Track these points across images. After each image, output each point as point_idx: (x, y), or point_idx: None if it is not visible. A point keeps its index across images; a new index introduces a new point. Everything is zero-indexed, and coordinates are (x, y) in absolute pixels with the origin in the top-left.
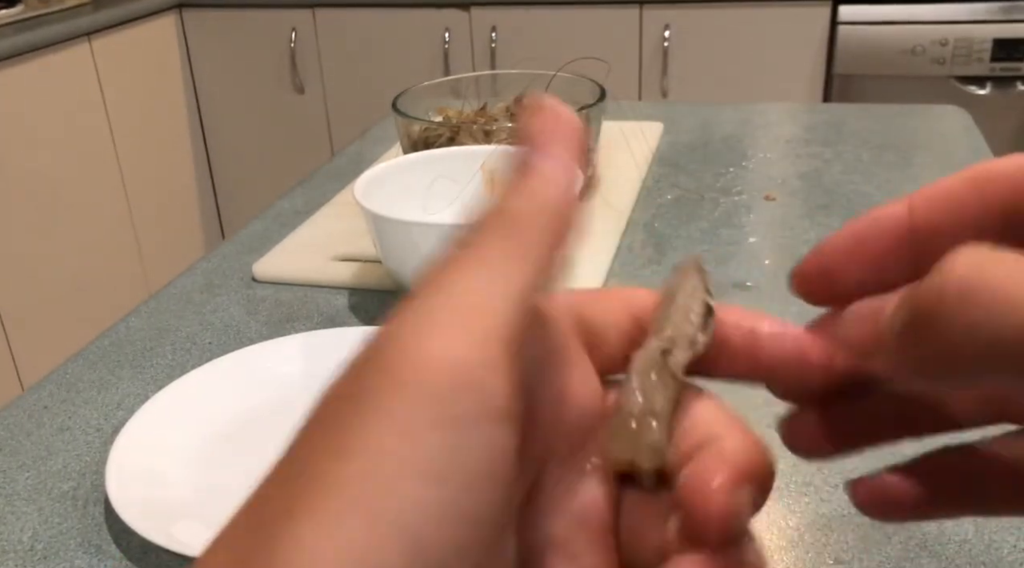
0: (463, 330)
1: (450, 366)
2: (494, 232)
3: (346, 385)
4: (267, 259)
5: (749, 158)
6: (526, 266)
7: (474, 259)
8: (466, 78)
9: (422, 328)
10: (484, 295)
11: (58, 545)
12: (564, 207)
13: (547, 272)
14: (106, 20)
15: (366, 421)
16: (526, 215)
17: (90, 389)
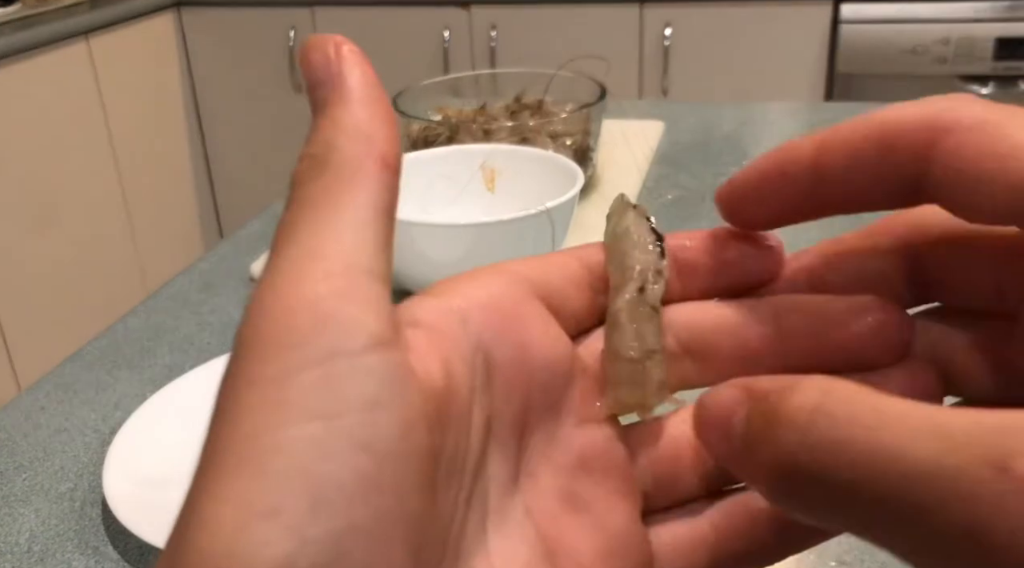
0: (310, 270)
1: (306, 305)
2: (310, 179)
3: (229, 360)
4: (265, 259)
5: (750, 157)
6: (355, 196)
7: (303, 207)
8: (466, 77)
9: (274, 280)
10: (321, 234)
11: (55, 546)
12: (367, 132)
13: (378, 193)
14: (104, 19)
15: (243, 383)
16: (334, 154)
17: (87, 390)
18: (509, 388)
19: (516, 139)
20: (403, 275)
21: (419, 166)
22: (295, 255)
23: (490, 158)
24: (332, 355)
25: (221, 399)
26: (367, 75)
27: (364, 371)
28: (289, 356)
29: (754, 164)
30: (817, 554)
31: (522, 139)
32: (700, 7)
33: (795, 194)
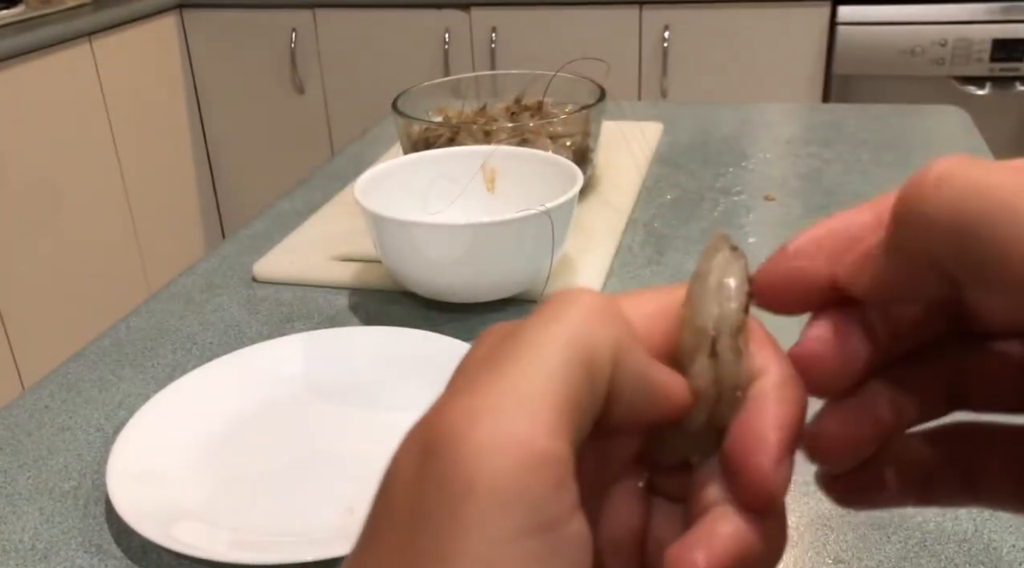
0: (518, 411)
1: (517, 450)
2: (528, 327)
3: (413, 493)
4: (267, 259)
5: (749, 158)
6: (565, 348)
7: (512, 346)
8: (466, 78)
9: (475, 415)
10: (528, 376)
11: (59, 544)
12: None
13: (586, 355)
14: (107, 20)
15: (454, 530)
16: (556, 313)
17: (91, 389)
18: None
19: (516, 140)
20: (404, 275)
21: (420, 167)
22: (494, 390)
23: (490, 159)
24: (554, 520)
25: (407, 525)
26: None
27: (576, 536)
28: (509, 519)
29: (781, 266)
30: (816, 551)
31: (522, 140)
32: (699, 9)
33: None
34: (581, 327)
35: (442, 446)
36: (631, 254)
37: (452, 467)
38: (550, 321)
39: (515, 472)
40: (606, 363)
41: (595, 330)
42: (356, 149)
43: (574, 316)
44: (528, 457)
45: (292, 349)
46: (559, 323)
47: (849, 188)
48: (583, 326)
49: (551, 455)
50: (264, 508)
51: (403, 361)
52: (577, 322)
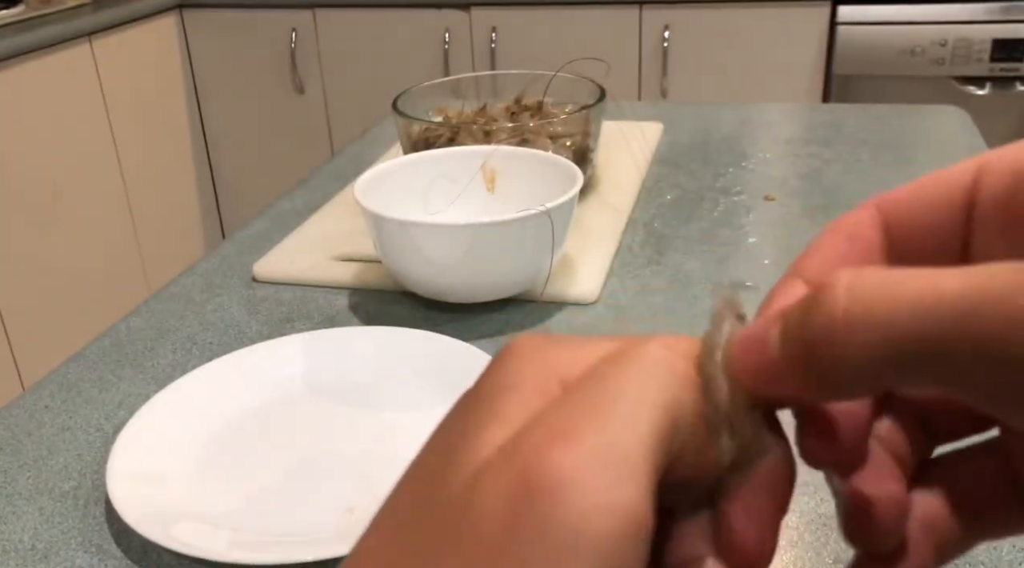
0: (627, 473)
1: (624, 515)
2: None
3: (506, 532)
4: (267, 259)
5: (749, 158)
6: (663, 415)
7: (608, 396)
8: (466, 78)
9: (584, 468)
10: (630, 436)
11: (59, 544)
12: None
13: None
14: (107, 20)
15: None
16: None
17: (91, 389)
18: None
19: (516, 140)
20: (404, 275)
21: (420, 167)
22: (588, 443)
23: (490, 159)
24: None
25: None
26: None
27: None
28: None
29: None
30: (816, 551)
31: (522, 140)
32: (699, 9)
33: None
34: (671, 391)
35: (550, 491)
36: (631, 254)
37: (560, 514)
38: (646, 377)
39: (620, 537)
40: (683, 434)
41: (681, 396)
42: (356, 149)
43: (665, 378)
44: (633, 525)
45: (292, 349)
46: (655, 383)
47: (849, 188)
48: (672, 390)
49: (648, 525)
50: (264, 508)
51: (403, 361)
52: (667, 385)
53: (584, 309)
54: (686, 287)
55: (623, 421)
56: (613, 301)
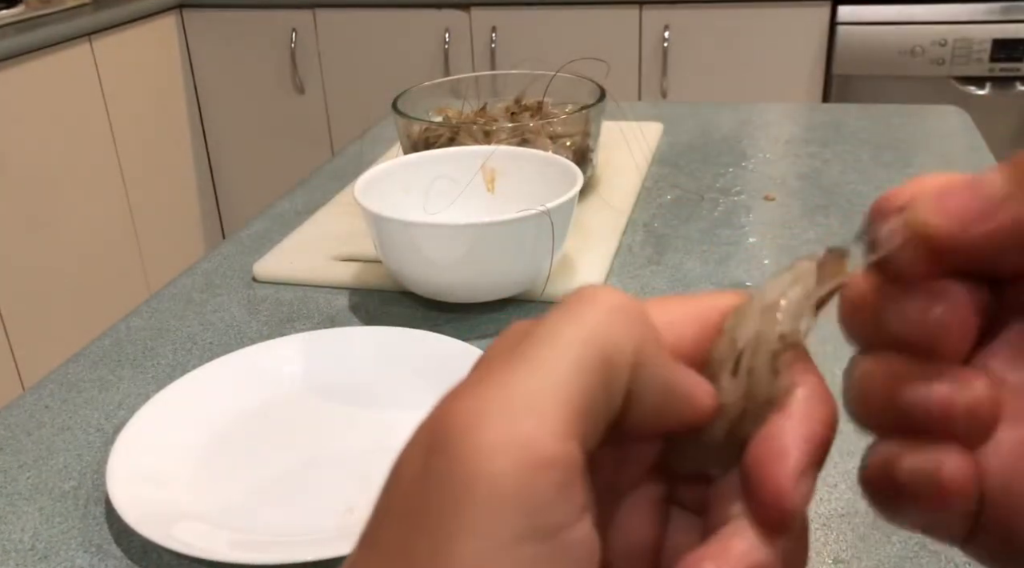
0: (526, 411)
1: (520, 451)
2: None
3: (414, 490)
4: (267, 259)
5: (748, 158)
6: (581, 347)
7: (527, 344)
8: (466, 78)
9: (482, 413)
10: (540, 375)
11: (59, 544)
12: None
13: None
14: (107, 20)
15: (451, 532)
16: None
17: (91, 389)
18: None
19: (516, 140)
20: (404, 275)
21: (420, 167)
22: (499, 394)
23: (490, 159)
24: (557, 528)
25: (408, 527)
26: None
27: (578, 544)
28: (507, 524)
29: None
30: (815, 551)
31: (522, 140)
32: (699, 9)
33: None
34: (600, 326)
35: (445, 444)
36: (631, 254)
37: (453, 465)
38: (569, 319)
39: (517, 474)
40: (625, 365)
41: (615, 330)
42: (356, 149)
43: (594, 315)
44: (532, 459)
45: (292, 349)
46: (577, 321)
47: (849, 188)
48: (602, 325)
49: (557, 458)
50: (264, 508)
51: (403, 361)
52: (596, 321)
53: None
54: (686, 287)
55: (534, 362)
56: None
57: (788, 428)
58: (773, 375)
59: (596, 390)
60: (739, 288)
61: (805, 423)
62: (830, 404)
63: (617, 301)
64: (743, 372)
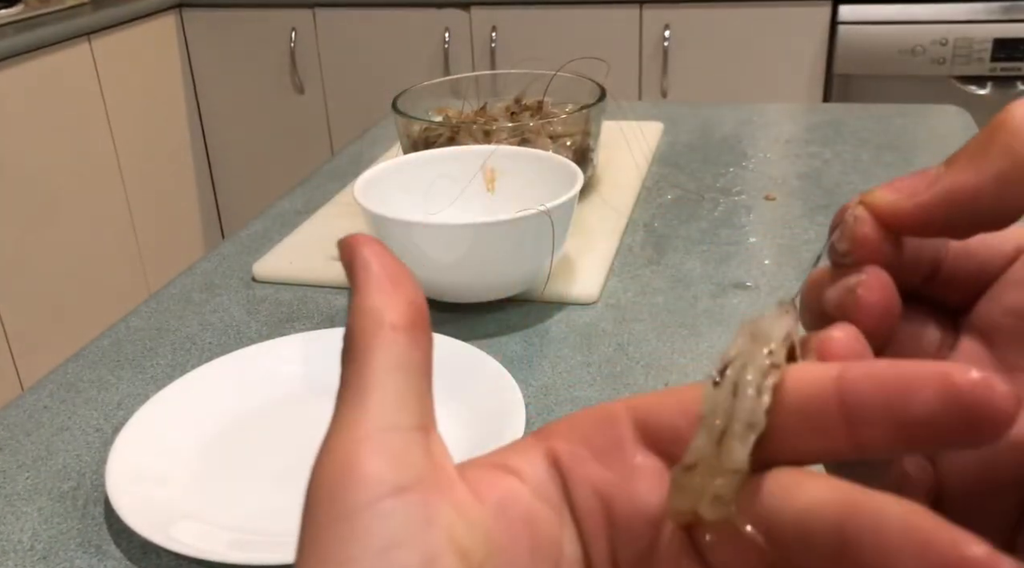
0: (341, 439)
1: (338, 470)
2: (344, 362)
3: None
4: (267, 259)
5: (749, 158)
6: (371, 365)
7: (341, 386)
8: (466, 78)
9: (321, 449)
10: (349, 405)
11: (58, 545)
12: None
13: (392, 355)
14: (106, 20)
15: (304, 539)
16: (351, 335)
17: (90, 389)
18: (594, 531)
19: (516, 140)
20: None
21: (420, 167)
22: (334, 429)
23: (490, 159)
24: (356, 508)
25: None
26: (381, 261)
27: (381, 517)
28: (326, 513)
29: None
30: None
31: (522, 140)
32: (699, 8)
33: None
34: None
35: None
36: (631, 254)
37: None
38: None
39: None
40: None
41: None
42: (356, 149)
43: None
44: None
45: (292, 349)
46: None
47: (849, 188)
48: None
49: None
50: (264, 508)
51: None
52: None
53: (584, 309)
54: (686, 287)
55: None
56: (613, 301)
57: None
58: (757, 394)
59: None
60: (739, 288)
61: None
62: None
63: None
64: (727, 384)
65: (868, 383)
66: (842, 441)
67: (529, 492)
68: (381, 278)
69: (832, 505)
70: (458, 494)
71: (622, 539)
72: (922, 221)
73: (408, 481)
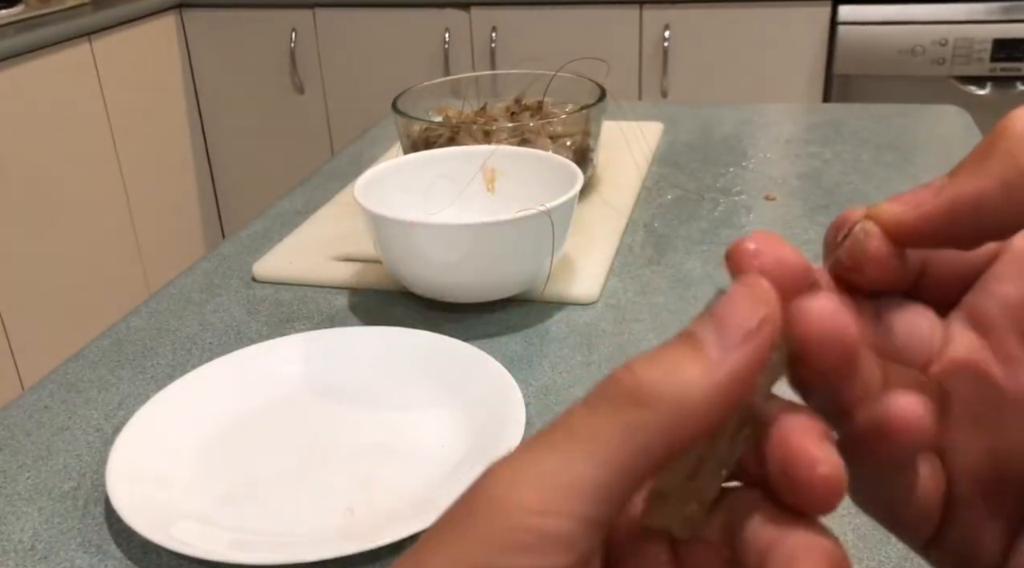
0: (538, 481)
1: (514, 509)
2: (609, 402)
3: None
4: (267, 259)
5: (749, 158)
6: (627, 444)
7: (577, 427)
8: (466, 78)
9: (502, 475)
10: (569, 458)
11: (58, 545)
12: (701, 402)
13: (652, 455)
14: (106, 20)
15: (444, 549)
16: (652, 396)
17: (90, 389)
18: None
19: (516, 140)
20: (404, 275)
21: (420, 167)
22: (531, 460)
23: (490, 159)
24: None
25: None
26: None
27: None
28: (479, 548)
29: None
30: None
31: (522, 140)
32: (699, 9)
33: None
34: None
35: (487, 483)
36: (631, 254)
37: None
38: (612, 416)
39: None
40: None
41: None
42: (356, 149)
43: (620, 417)
44: (554, 550)
45: (292, 349)
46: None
47: (849, 188)
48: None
49: (544, 531)
50: (264, 508)
51: (403, 361)
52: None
53: (584, 309)
54: (686, 287)
55: (564, 450)
56: (613, 301)
57: (789, 419)
58: (731, 440)
59: (614, 487)
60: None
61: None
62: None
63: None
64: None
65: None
66: None
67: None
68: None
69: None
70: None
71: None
72: (928, 232)
73: None
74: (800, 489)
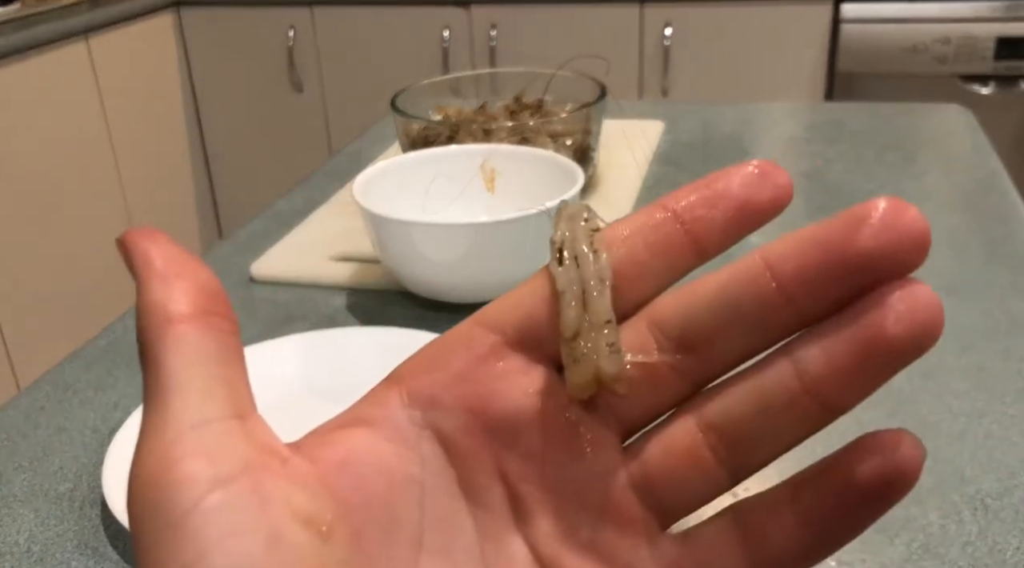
0: (148, 449)
1: (152, 482)
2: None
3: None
4: (265, 259)
5: (750, 157)
6: (164, 365)
7: (144, 395)
8: (465, 76)
9: (134, 462)
10: (153, 412)
11: (55, 547)
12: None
13: (183, 349)
14: (103, 18)
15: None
16: (140, 337)
17: (87, 390)
18: (473, 449)
19: (516, 139)
20: (403, 275)
21: (419, 166)
22: (142, 437)
23: (490, 158)
24: (182, 513)
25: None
26: (163, 252)
27: (209, 513)
28: (152, 525)
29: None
30: None
31: (522, 139)
32: (700, 7)
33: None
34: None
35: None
36: None
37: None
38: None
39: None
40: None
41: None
42: (355, 148)
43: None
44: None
45: (290, 350)
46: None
47: (852, 187)
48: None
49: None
50: None
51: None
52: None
53: None
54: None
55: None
56: None
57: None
58: (595, 254)
59: None
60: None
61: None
62: None
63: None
64: (568, 259)
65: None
66: (688, 255)
67: (381, 438)
68: (162, 270)
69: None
70: (292, 467)
71: (505, 444)
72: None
73: (230, 471)
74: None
